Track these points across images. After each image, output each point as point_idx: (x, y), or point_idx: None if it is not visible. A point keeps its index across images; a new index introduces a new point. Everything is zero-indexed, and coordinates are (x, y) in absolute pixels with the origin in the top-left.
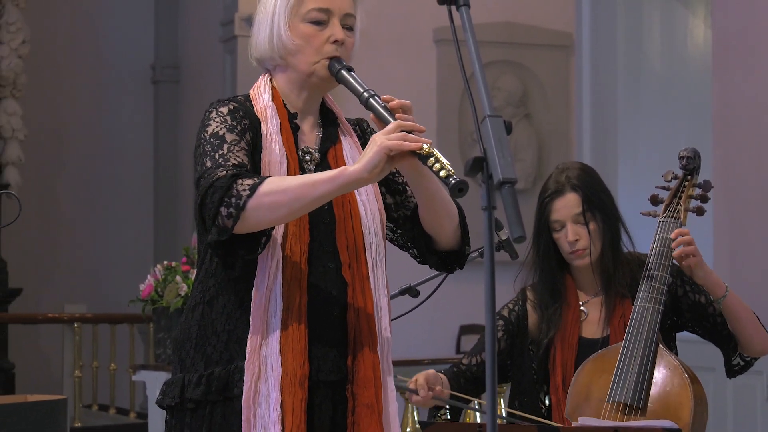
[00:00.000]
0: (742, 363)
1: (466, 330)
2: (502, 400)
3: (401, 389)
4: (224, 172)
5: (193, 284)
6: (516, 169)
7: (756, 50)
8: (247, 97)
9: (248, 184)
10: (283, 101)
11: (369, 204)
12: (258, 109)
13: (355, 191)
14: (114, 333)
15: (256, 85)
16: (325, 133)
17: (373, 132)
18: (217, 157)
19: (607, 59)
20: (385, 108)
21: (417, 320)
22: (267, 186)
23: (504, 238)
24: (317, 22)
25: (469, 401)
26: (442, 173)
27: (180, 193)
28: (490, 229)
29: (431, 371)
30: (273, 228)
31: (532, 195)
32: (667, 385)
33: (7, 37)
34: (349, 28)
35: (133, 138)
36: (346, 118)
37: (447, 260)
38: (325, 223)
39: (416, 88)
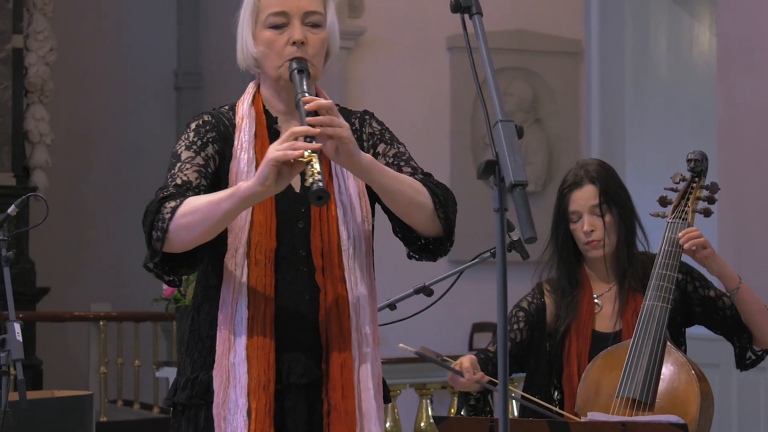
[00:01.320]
0: (754, 357)
1: (478, 328)
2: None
3: (447, 368)
4: (160, 194)
5: (194, 289)
6: (527, 172)
7: (760, 57)
8: (233, 106)
9: (171, 207)
10: (265, 106)
11: (350, 203)
12: (238, 118)
13: (335, 191)
14: (138, 331)
15: (247, 88)
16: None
17: (370, 123)
18: (168, 176)
19: (615, 66)
20: (305, 112)
21: (431, 318)
22: (183, 207)
23: (515, 238)
24: (276, 26)
25: (494, 420)
26: (307, 181)
27: None
28: (502, 230)
29: (473, 357)
30: (207, 245)
31: (543, 197)
32: (674, 382)
33: (35, 45)
34: (314, 25)
35: (156, 142)
36: (349, 111)
37: (426, 248)
38: (300, 227)
39: (430, 94)
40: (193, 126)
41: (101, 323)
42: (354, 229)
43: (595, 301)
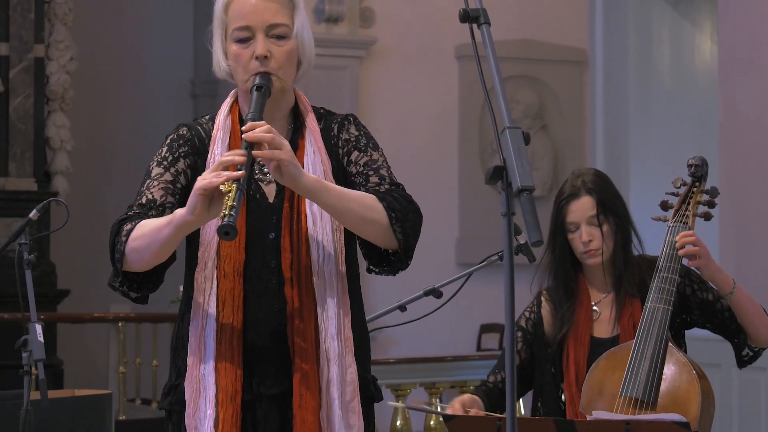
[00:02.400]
0: (751, 353)
1: (486, 329)
2: (521, 402)
3: (439, 414)
4: (123, 215)
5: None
6: (533, 177)
7: (759, 64)
8: (213, 116)
9: (127, 230)
10: (242, 116)
11: (321, 214)
12: (215, 128)
13: (306, 202)
14: (156, 331)
15: (227, 98)
16: (292, 140)
17: (348, 128)
18: (136, 194)
19: (619, 74)
20: (243, 141)
21: (440, 319)
22: (135, 231)
23: (522, 242)
24: (241, 41)
25: (501, 418)
26: (221, 213)
27: None
28: (509, 233)
29: (467, 396)
30: (164, 266)
31: (549, 202)
32: (676, 381)
33: (56, 54)
34: (279, 37)
35: None
36: (332, 115)
37: (387, 260)
38: (271, 238)
39: (439, 101)
40: (168, 140)
41: (120, 324)
42: (324, 240)
43: (594, 308)
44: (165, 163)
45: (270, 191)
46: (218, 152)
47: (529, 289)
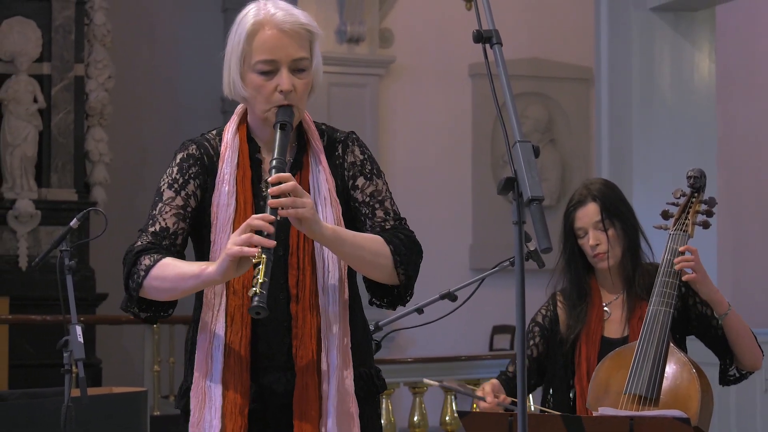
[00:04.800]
0: (737, 375)
1: (498, 330)
2: (531, 397)
3: (470, 395)
4: (139, 243)
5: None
6: (543, 187)
7: (755, 82)
8: (220, 131)
9: (145, 265)
10: (250, 134)
11: None
12: (222, 147)
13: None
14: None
15: (234, 114)
16: (296, 158)
17: (353, 150)
18: (149, 216)
19: (623, 90)
20: (270, 195)
21: (454, 321)
22: (155, 270)
23: (532, 249)
24: (265, 73)
25: (513, 414)
26: (251, 290)
27: None
28: (520, 241)
29: (495, 381)
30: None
31: (557, 211)
32: (677, 379)
33: (95, 72)
34: (301, 70)
35: None
36: (335, 132)
37: (386, 294)
38: (279, 254)
39: (454, 116)
40: (177, 159)
41: (155, 326)
42: (329, 258)
43: (605, 308)
44: (176, 186)
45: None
46: (227, 171)
47: (537, 292)
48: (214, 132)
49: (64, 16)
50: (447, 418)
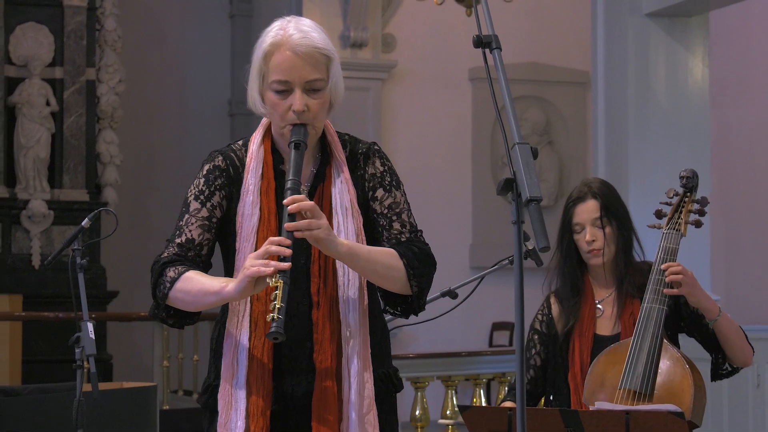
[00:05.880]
0: (729, 369)
1: (497, 326)
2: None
3: (466, 408)
4: (165, 254)
5: None
6: (541, 188)
7: (748, 86)
8: (246, 142)
9: (170, 277)
10: (274, 146)
11: (349, 239)
12: (248, 157)
13: (335, 229)
14: (196, 329)
15: (259, 126)
16: (319, 169)
17: (374, 162)
18: (176, 227)
19: (619, 94)
20: (287, 216)
21: (455, 318)
22: (180, 284)
23: (531, 247)
24: (280, 92)
25: (511, 408)
26: (269, 315)
27: None
28: (519, 240)
29: (508, 403)
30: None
31: (555, 211)
32: (671, 375)
33: (106, 77)
34: (315, 90)
35: None
36: (357, 143)
37: (399, 303)
38: (302, 262)
39: (454, 119)
40: (204, 170)
41: None
42: (349, 267)
43: (597, 306)
44: (202, 197)
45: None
46: (252, 182)
47: (536, 290)
48: (240, 142)
49: (76, 22)
50: (448, 412)
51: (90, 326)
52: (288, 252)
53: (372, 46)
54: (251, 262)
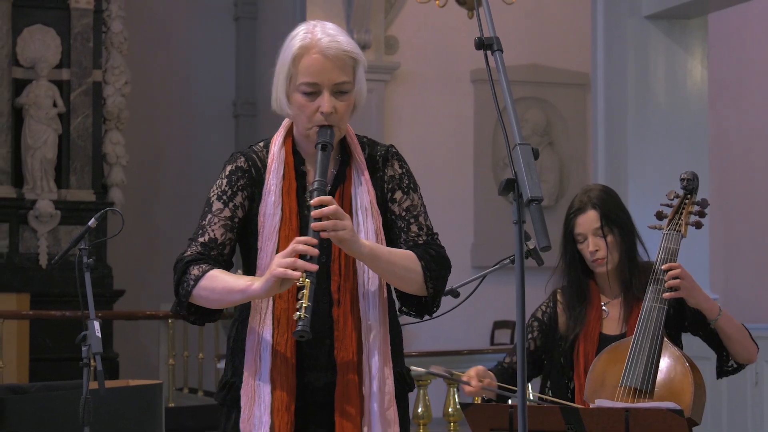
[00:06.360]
0: (735, 366)
1: (498, 325)
2: (530, 385)
3: (456, 381)
4: (188, 253)
5: None
6: (542, 188)
7: (746, 88)
8: (267, 143)
9: (194, 275)
10: (296, 146)
11: (367, 240)
12: (269, 158)
13: (355, 227)
14: (201, 328)
15: (280, 127)
16: (339, 170)
17: (393, 164)
18: (198, 227)
19: (619, 95)
20: (312, 218)
21: (458, 317)
22: (204, 282)
23: (532, 247)
24: (308, 94)
25: (514, 391)
26: (296, 314)
27: None
28: (520, 239)
29: (481, 367)
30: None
31: (555, 211)
32: (671, 373)
33: (112, 78)
34: (342, 93)
35: (218, 163)
36: (376, 145)
37: (414, 304)
38: (322, 261)
39: (456, 120)
40: (227, 171)
41: (170, 321)
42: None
43: (603, 308)
44: (224, 197)
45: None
46: (273, 182)
47: (537, 289)
48: (261, 144)
49: (83, 24)
50: (450, 409)
51: (96, 325)
52: (315, 252)
53: (375, 48)
54: (278, 261)
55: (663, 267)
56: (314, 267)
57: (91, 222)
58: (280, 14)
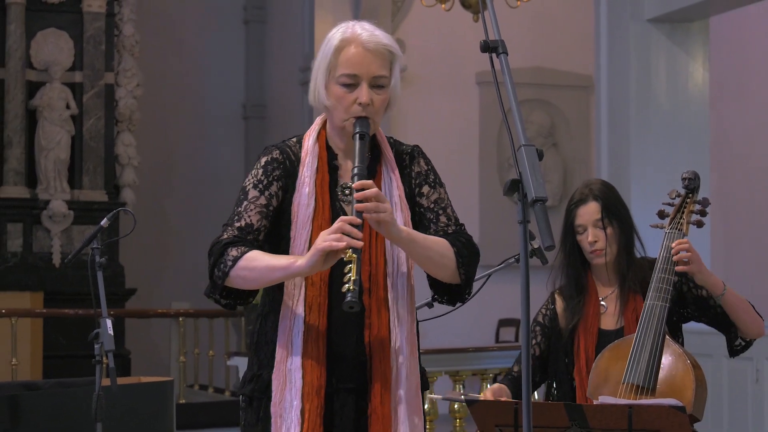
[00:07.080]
0: (743, 343)
1: (503, 323)
2: (535, 394)
3: (473, 401)
4: (225, 236)
5: (262, 297)
6: (546, 189)
7: (746, 89)
8: (299, 139)
9: (233, 256)
10: (328, 142)
11: None
12: (303, 152)
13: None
14: (212, 325)
15: (314, 123)
16: (369, 166)
17: (419, 161)
18: (234, 213)
19: (622, 97)
20: (355, 200)
21: (462, 315)
22: (243, 262)
23: (536, 246)
24: (346, 85)
25: (518, 402)
26: (344, 286)
27: None
28: (525, 239)
29: (496, 385)
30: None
31: (560, 211)
32: (672, 370)
33: (124, 81)
34: (379, 87)
35: (227, 164)
36: (401, 145)
37: (449, 292)
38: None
39: (462, 122)
40: (262, 162)
41: (180, 319)
42: (398, 256)
43: (601, 303)
44: (260, 186)
45: (351, 210)
46: (307, 174)
47: (541, 287)
48: (294, 139)
49: (95, 28)
50: (456, 406)
51: (109, 323)
52: (358, 233)
53: None
54: (323, 237)
55: (672, 244)
56: (360, 243)
57: (104, 222)
58: (289, 18)
